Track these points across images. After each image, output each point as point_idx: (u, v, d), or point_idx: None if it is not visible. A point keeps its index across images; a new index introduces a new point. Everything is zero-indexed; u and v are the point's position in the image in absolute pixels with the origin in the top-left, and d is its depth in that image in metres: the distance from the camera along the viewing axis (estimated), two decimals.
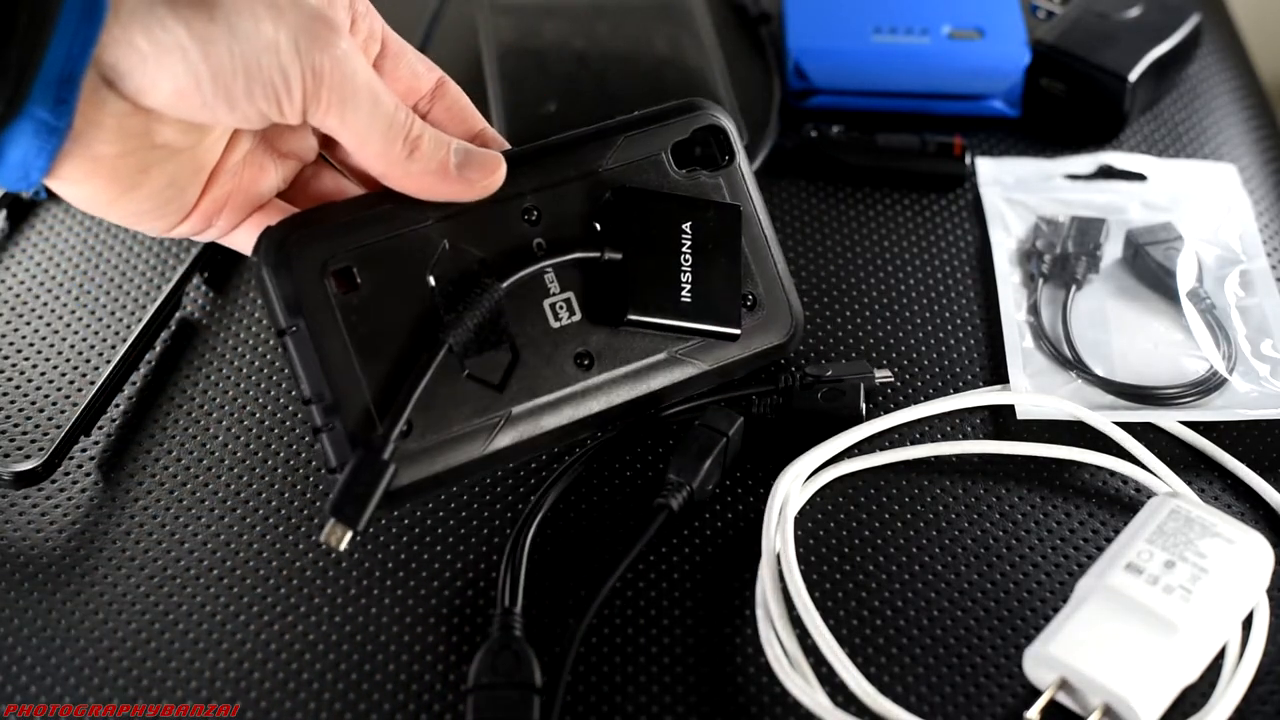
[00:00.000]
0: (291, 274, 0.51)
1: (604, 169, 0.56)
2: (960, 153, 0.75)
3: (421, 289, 0.52)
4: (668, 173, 0.57)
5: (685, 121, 0.58)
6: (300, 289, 0.51)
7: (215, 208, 0.52)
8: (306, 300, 0.51)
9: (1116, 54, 0.77)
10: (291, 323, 0.51)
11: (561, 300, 0.55)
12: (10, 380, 0.66)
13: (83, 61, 0.45)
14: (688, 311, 0.56)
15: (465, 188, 0.52)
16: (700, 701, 0.54)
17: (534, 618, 0.55)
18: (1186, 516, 0.56)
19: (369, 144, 0.50)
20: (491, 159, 0.52)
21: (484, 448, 0.53)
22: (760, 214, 0.59)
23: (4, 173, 0.47)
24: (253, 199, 0.53)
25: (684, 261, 0.56)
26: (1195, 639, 0.53)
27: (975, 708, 0.54)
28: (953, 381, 0.65)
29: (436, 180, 0.51)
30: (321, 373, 0.51)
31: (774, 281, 0.59)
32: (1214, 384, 0.64)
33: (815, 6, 0.80)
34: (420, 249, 0.52)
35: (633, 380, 0.56)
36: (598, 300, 0.55)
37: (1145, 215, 0.72)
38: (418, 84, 0.55)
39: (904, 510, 0.60)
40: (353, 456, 0.50)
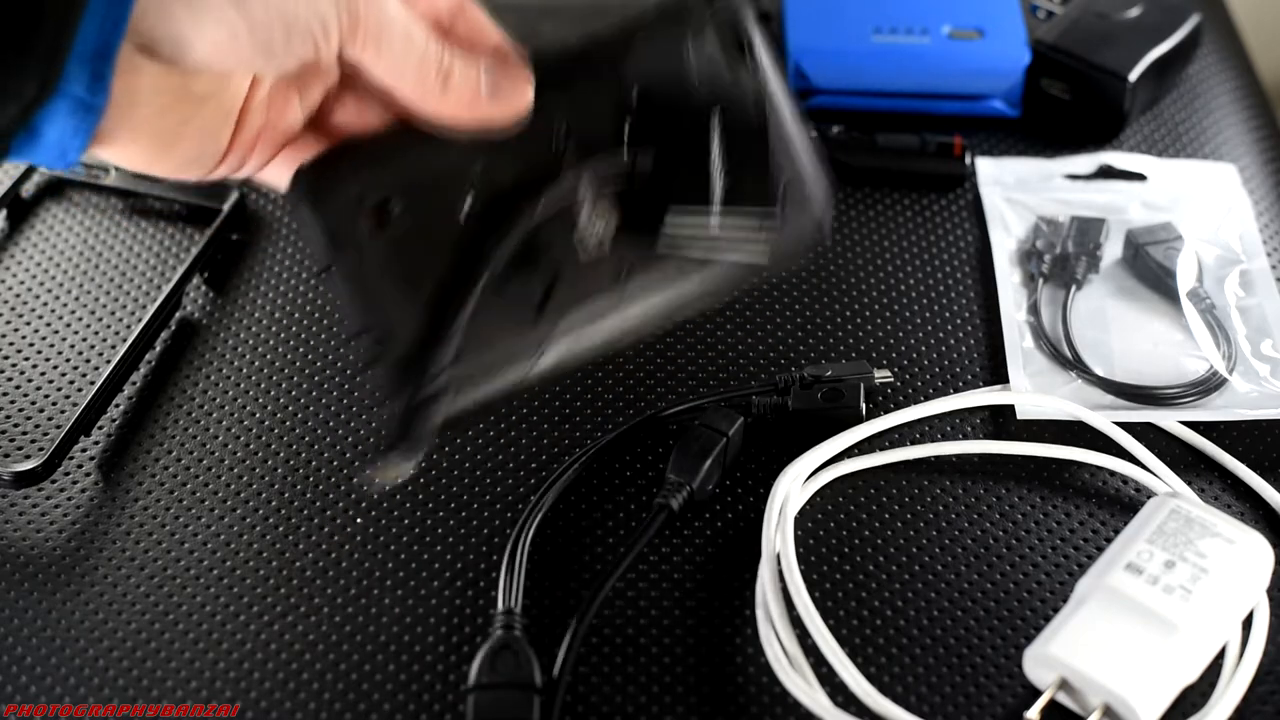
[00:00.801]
0: (329, 210, 0.51)
1: (626, 71, 0.55)
2: (960, 153, 0.75)
3: (458, 216, 0.52)
4: (690, 69, 0.56)
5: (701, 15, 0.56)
6: (339, 224, 0.51)
7: (247, 146, 0.52)
8: (346, 235, 0.51)
9: (1116, 54, 0.77)
10: (334, 258, 0.51)
11: (596, 212, 0.54)
12: (10, 380, 0.66)
13: (117, 35, 0.44)
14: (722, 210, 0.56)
15: (497, 111, 0.52)
16: (700, 701, 0.54)
17: (534, 618, 0.55)
18: (1186, 516, 0.56)
19: (404, 77, 0.50)
20: (520, 77, 0.52)
21: (530, 367, 0.53)
22: (783, 102, 0.57)
23: (41, 152, 0.46)
24: (282, 132, 0.53)
25: (715, 160, 0.56)
26: (1195, 639, 0.53)
27: (975, 708, 0.54)
28: (953, 381, 0.65)
29: (470, 108, 0.51)
30: (367, 305, 0.51)
31: (803, 169, 0.57)
32: (1214, 384, 0.64)
33: (815, 6, 0.80)
34: (455, 175, 0.52)
35: (671, 285, 0.55)
36: (633, 209, 0.55)
37: (1145, 215, 0.72)
38: (436, 3, 0.54)
39: (904, 510, 0.60)
40: (404, 387, 0.51)
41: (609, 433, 0.62)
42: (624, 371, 0.65)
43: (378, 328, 0.51)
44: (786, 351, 0.66)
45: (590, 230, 0.54)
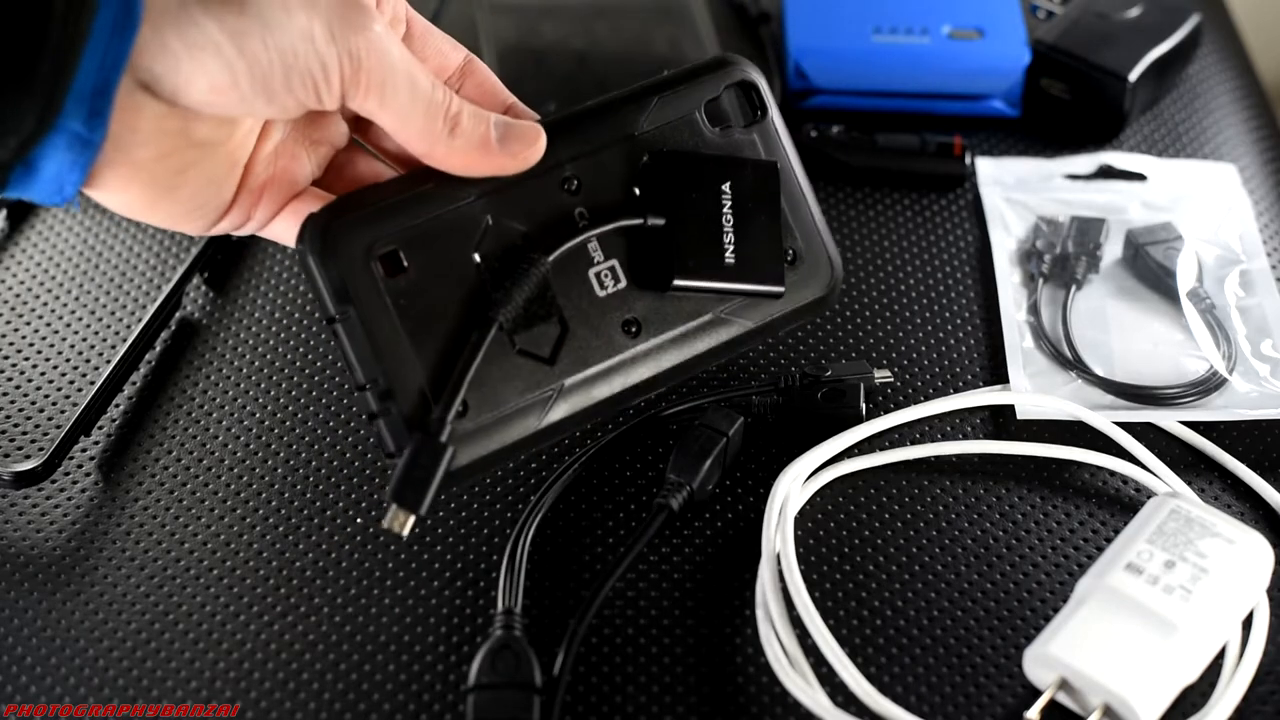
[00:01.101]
0: (338, 261, 0.50)
1: (639, 132, 0.55)
2: (960, 153, 0.75)
3: (468, 267, 0.52)
4: (702, 132, 0.56)
5: (716, 79, 0.57)
6: (347, 275, 0.50)
7: (252, 200, 0.52)
8: (354, 286, 0.50)
9: (1116, 54, 0.77)
10: (341, 310, 0.50)
11: (606, 268, 0.54)
12: (10, 380, 0.66)
13: (116, 72, 0.44)
14: (732, 272, 0.56)
15: (507, 160, 0.52)
16: (700, 701, 0.54)
17: (534, 618, 0.55)
18: (1186, 516, 0.56)
19: (410, 124, 0.50)
20: (531, 130, 0.52)
21: (539, 422, 0.53)
22: (795, 167, 0.58)
23: (38, 187, 0.46)
24: (288, 188, 0.53)
25: (726, 222, 0.56)
26: (1195, 639, 0.53)
27: (975, 708, 0.54)
28: (953, 381, 0.65)
29: (479, 155, 0.51)
30: (374, 358, 0.50)
31: (812, 234, 0.58)
32: (1214, 384, 0.64)
33: (815, 6, 0.80)
34: (464, 227, 0.52)
35: (680, 344, 0.55)
36: (643, 266, 0.55)
37: (1145, 215, 0.72)
38: (445, 63, 0.54)
39: (904, 510, 0.60)
40: (410, 441, 0.50)
41: (609, 433, 0.62)
42: None
43: (384, 381, 0.50)
44: (786, 351, 0.66)
45: (601, 285, 0.54)
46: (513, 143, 0.51)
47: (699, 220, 0.55)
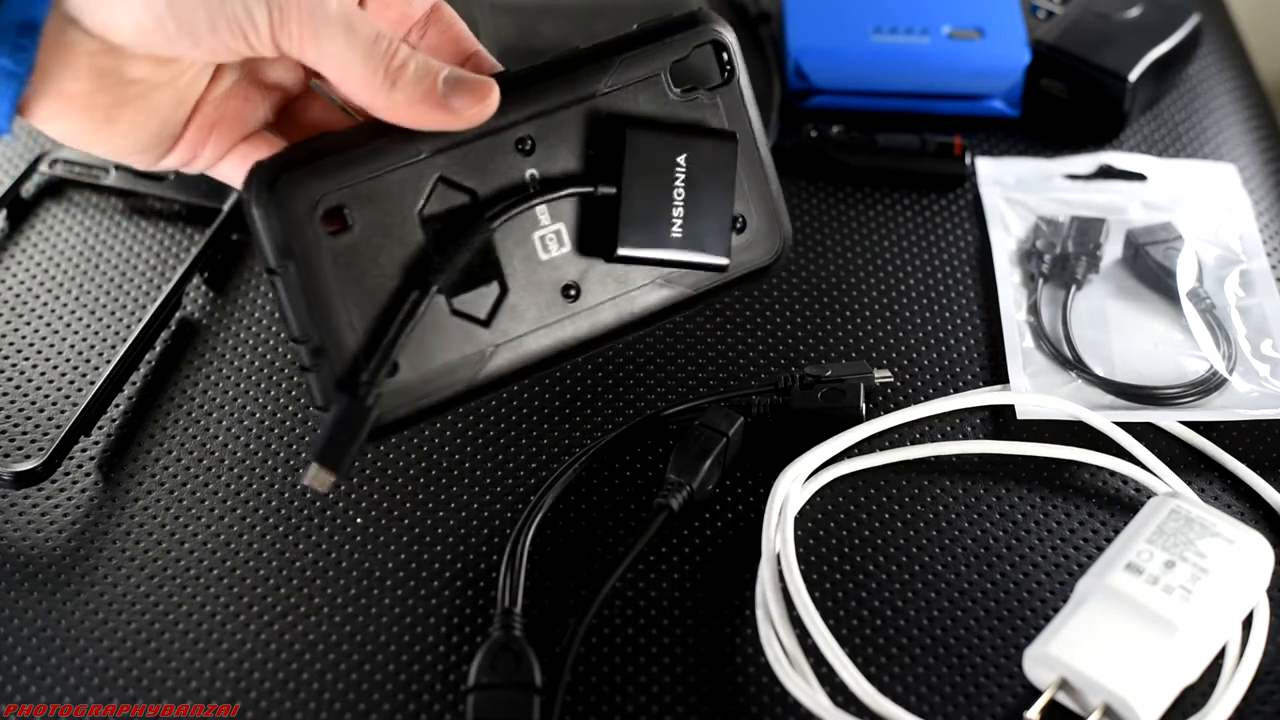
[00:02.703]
0: (281, 214, 0.49)
1: (600, 93, 0.54)
2: (960, 153, 0.75)
3: (411, 227, 0.51)
4: (665, 95, 0.55)
5: (685, 38, 0.55)
6: (290, 229, 0.49)
7: (200, 139, 0.52)
8: (296, 241, 0.50)
9: (1116, 54, 0.77)
10: (281, 264, 0.50)
11: (551, 232, 0.53)
12: (10, 380, 0.66)
13: (44, 7, 0.46)
14: (678, 244, 0.55)
15: (451, 117, 0.50)
16: (700, 701, 0.54)
17: (534, 618, 0.55)
18: (1186, 516, 0.56)
19: (349, 74, 0.49)
20: (483, 85, 0.50)
21: (470, 381, 0.52)
22: (757, 133, 0.57)
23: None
24: (238, 130, 0.53)
25: (677, 194, 0.55)
26: (1195, 639, 0.53)
27: (975, 708, 0.54)
28: (953, 381, 0.65)
29: (424, 109, 0.49)
30: (309, 314, 0.50)
31: (765, 200, 0.57)
32: (1214, 384, 0.64)
33: (815, 6, 0.80)
34: (412, 185, 0.51)
35: (618, 306, 0.55)
36: (589, 232, 0.54)
37: (1145, 215, 0.72)
38: (410, 10, 0.53)
39: (904, 510, 0.60)
40: (337, 402, 0.50)
41: (609, 433, 0.62)
42: (624, 371, 0.65)
43: (318, 337, 0.50)
44: (786, 351, 0.66)
45: (545, 249, 0.54)
46: (460, 96, 0.50)
47: (650, 190, 0.54)
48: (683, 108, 0.55)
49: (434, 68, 0.50)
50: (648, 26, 0.56)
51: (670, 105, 0.55)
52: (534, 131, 0.53)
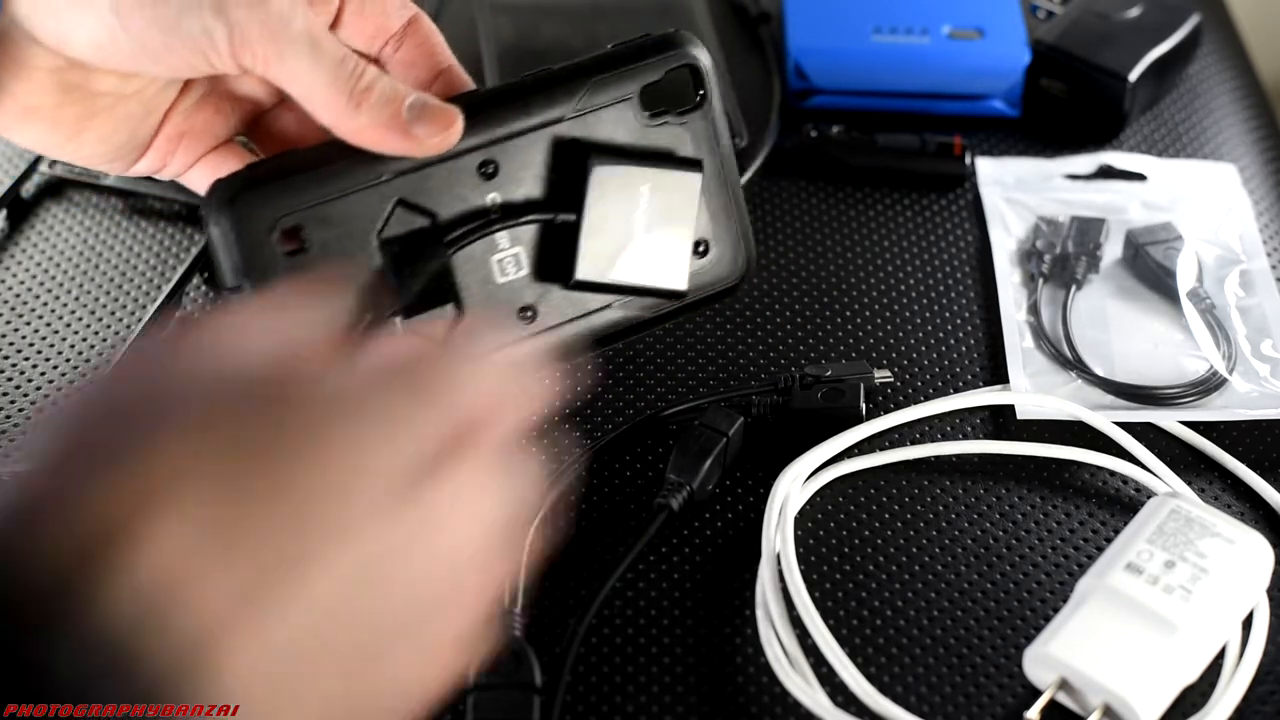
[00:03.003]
0: (239, 232, 0.49)
1: (567, 117, 0.53)
2: (960, 153, 0.75)
3: (370, 249, 0.51)
4: (633, 122, 0.54)
5: (660, 62, 0.54)
6: (247, 248, 0.49)
7: (168, 148, 0.52)
8: (254, 259, 0.49)
9: (1116, 54, 0.77)
10: (237, 282, 0.50)
11: (510, 255, 0.53)
12: (10, 380, 0.66)
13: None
14: (636, 270, 0.55)
15: (415, 144, 0.49)
16: (700, 701, 0.54)
17: (534, 618, 0.55)
18: (1186, 516, 0.56)
19: (314, 95, 0.48)
20: (447, 113, 0.49)
21: None
22: (726, 156, 0.56)
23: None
24: (207, 141, 0.53)
25: (638, 223, 0.55)
26: (1195, 639, 0.53)
27: (975, 708, 0.54)
28: (953, 381, 0.65)
29: (387, 134, 0.49)
30: None
31: (731, 224, 0.57)
32: (1214, 384, 0.64)
33: (815, 6, 0.80)
34: (372, 207, 0.51)
35: (575, 327, 0.55)
36: (548, 257, 0.54)
37: (1145, 215, 0.72)
38: (387, 22, 0.53)
39: (904, 510, 0.60)
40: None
41: (609, 433, 0.62)
42: (624, 371, 0.65)
43: None
44: (786, 351, 0.66)
45: (502, 272, 0.54)
46: (424, 125, 0.49)
47: (611, 219, 0.54)
48: (651, 133, 0.55)
49: (400, 93, 0.49)
50: (622, 48, 0.55)
51: (638, 131, 0.55)
52: (498, 155, 0.53)
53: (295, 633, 0.33)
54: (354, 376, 0.36)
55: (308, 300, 0.38)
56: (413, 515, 0.35)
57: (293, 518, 0.33)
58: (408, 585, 0.35)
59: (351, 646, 0.34)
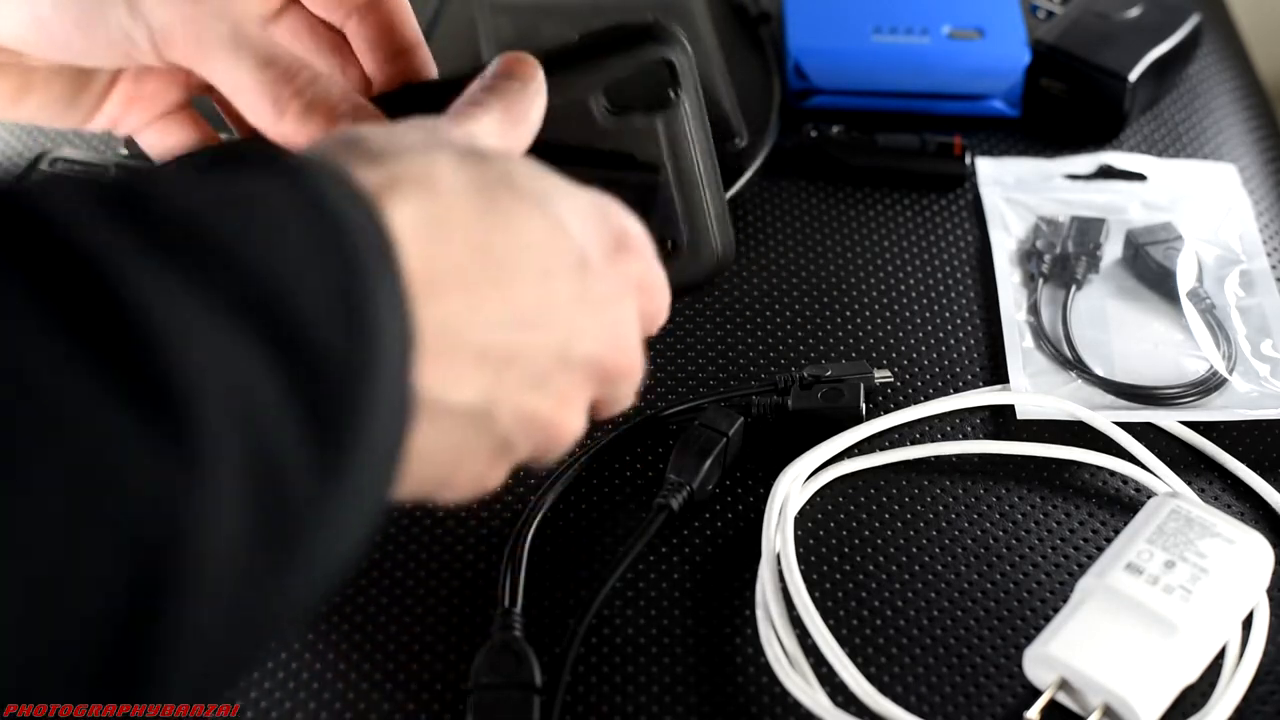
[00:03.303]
0: None
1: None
2: (960, 153, 0.75)
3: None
4: (595, 118, 0.52)
5: (630, 59, 0.52)
6: None
7: (118, 112, 0.52)
8: None
9: (1116, 54, 0.77)
10: None
11: None
12: None
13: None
14: None
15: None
16: (700, 701, 0.54)
17: (534, 618, 0.55)
18: (1186, 516, 0.56)
19: (239, 97, 0.47)
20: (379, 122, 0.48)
21: None
22: (699, 154, 0.54)
23: None
24: (158, 106, 0.52)
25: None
26: (1195, 639, 0.53)
27: (975, 708, 0.54)
28: (953, 381, 0.65)
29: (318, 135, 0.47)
30: None
31: (702, 222, 0.55)
32: (1214, 384, 0.64)
33: (815, 6, 0.80)
34: None
35: None
36: None
37: (1145, 215, 0.72)
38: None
39: (904, 510, 0.60)
40: None
41: (609, 433, 0.62)
42: None
43: None
44: (786, 351, 0.66)
45: None
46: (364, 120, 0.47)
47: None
48: (613, 132, 0.52)
49: (332, 99, 0.47)
50: (590, 40, 0.52)
51: (600, 126, 0.52)
52: None
53: (501, 322, 0.38)
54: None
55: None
56: (603, 283, 0.41)
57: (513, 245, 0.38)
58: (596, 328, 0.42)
59: (540, 353, 0.40)
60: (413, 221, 0.36)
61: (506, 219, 0.38)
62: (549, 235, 0.39)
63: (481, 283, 0.37)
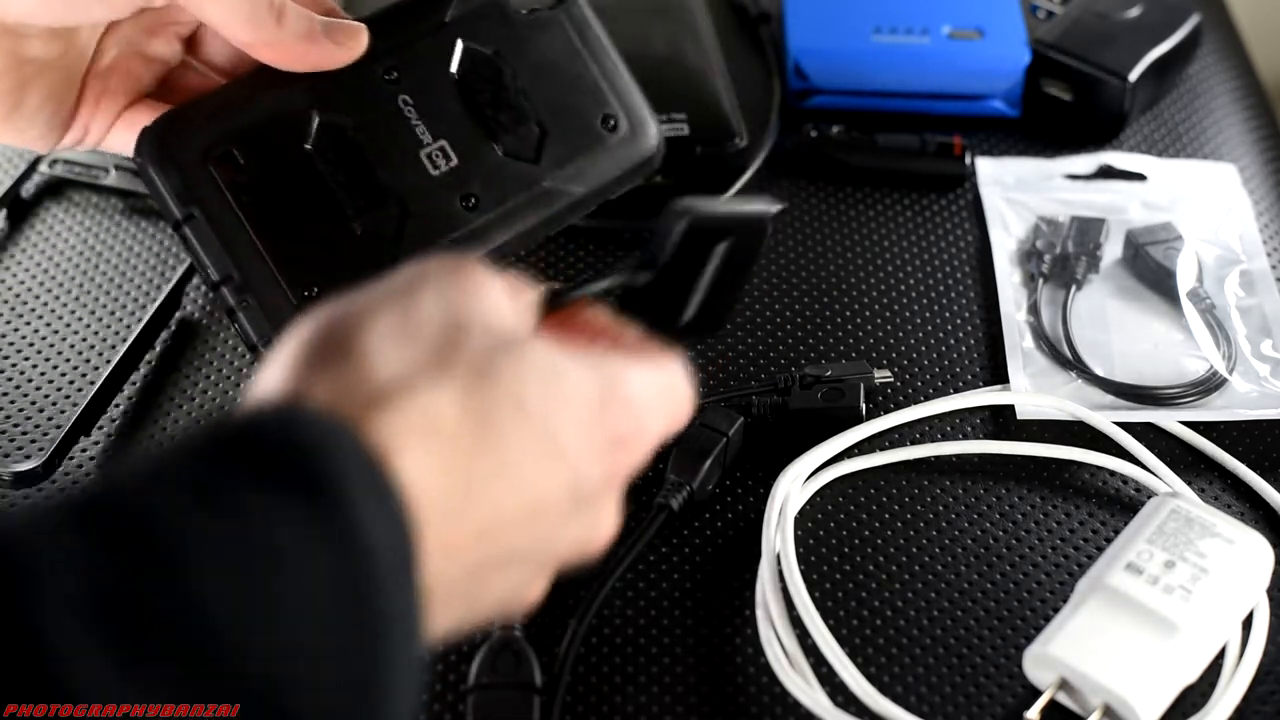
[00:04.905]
0: (177, 164, 0.52)
1: (449, 17, 0.57)
2: (960, 153, 0.75)
3: (303, 159, 0.54)
4: (510, 18, 0.58)
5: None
6: (188, 178, 0.52)
7: (89, 112, 0.54)
8: (196, 188, 0.52)
9: (1116, 54, 0.77)
10: (186, 211, 0.52)
11: (437, 149, 0.56)
12: (10, 380, 0.66)
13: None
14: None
15: (334, 50, 0.53)
16: (700, 701, 0.54)
17: (534, 618, 0.55)
18: (1186, 516, 0.56)
19: (237, 12, 0.51)
20: (353, 25, 0.54)
21: None
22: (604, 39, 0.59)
23: None
24: (122, 99, 0.55)
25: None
26: (1195, 639, 0.53)
27: (975, 708, 0.54)
28: (953, 381, 0.65)
29: (307, 45, 0.52)
30: (225, 253, 0.52)
31: (629, 98, 0.60)
32: (1214, 384, 0.64)
33: (815, 6, 0.80)
34: (294, 122, 0.54)
35: (518, 214, 0.57)
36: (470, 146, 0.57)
37: (1145, 215, 0.72)
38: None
39: (904, 510, 0.60)
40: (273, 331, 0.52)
41: None
42: None
43: (239, 274, 0.52)
44: (786, 351, 0.66)
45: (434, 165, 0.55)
46: (338, 33, 0.53)
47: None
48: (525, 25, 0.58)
49: (306, 11, 0.52)
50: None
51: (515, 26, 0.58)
52: (397, 63, 0.56)
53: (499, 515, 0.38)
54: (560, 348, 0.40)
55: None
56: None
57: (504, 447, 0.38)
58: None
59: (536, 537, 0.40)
60: (421, 476, 0.35)
61: (503, 456, 0.38)
62: (543, 470, 0.39)
63: (471, 531, 0.37)
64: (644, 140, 0.59)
